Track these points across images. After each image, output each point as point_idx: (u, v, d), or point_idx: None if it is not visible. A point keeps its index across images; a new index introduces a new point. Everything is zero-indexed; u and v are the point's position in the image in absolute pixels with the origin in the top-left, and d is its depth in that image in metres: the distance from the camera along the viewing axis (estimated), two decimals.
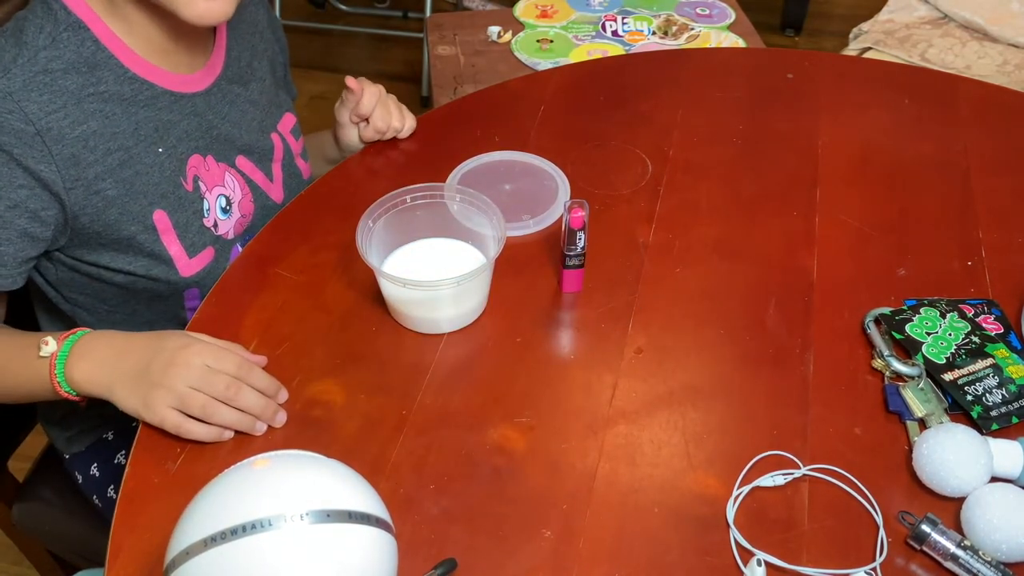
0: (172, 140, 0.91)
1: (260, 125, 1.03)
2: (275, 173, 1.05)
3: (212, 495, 0.61)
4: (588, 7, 1.86)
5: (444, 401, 0.83)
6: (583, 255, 0.91)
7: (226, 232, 0.98)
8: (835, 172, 1.10)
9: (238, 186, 0.99)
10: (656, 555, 0.72)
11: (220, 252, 0.97)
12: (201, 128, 0.94)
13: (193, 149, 0.94)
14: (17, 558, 1.33)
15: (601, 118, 1.19)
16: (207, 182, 0.95)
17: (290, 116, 1.10)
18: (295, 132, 1.10)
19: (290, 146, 1.08)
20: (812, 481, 0.77)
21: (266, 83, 1.05)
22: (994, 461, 0.76)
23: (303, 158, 1.12)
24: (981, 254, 0.99)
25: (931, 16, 2.03)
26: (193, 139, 0.94)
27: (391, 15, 2.99)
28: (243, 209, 1.00)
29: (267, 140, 1.04)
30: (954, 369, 0.85)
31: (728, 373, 0.87)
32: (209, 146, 0.96)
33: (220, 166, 0.97)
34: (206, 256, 0.95)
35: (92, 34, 0.85)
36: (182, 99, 0.92)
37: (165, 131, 0.90)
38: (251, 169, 1.02)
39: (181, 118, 0.92)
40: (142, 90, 0.88)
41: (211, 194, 0.95)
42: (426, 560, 0.71)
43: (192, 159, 0.94)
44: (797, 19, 2.97)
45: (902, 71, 1.34)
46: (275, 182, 1.05)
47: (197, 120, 0.94)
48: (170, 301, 0.97)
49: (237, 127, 0.99)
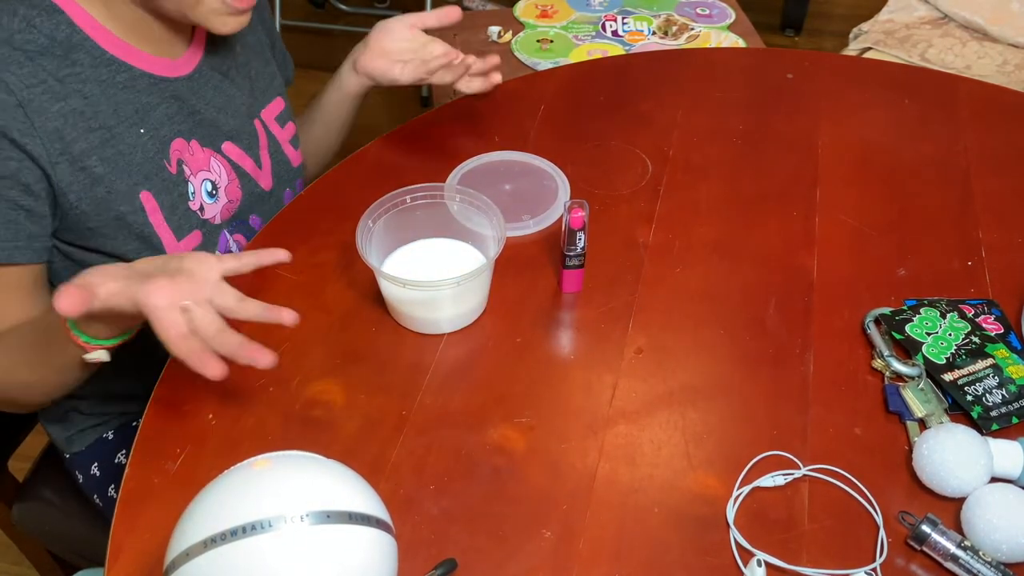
0: (153, 122, 0.91)
1: (247, 111, 1.02)
2: (263, 160, 1.05)
3: (212, 496, 0.61)
4: (588, 7, 1.86)
5: (444, 401, 0.83)
6: (583, 255, 0.91)
7: (213, 217, 0.98)
8: (835, 172, 1.10)
9: (224, 171, 0.99)
10: (656, 555, 0.72)
11: (208, 236, 0.97)
12: (183, 112, 0.94)
13: (176, 133, 0.93)
14: (17, 558, 1.33)
15: (601, 118, 1.19)
16: (191, 166, 0.95)
17: (279, 101, 1.09)
18: (282, 119, 1.09)
19: (274, 134, 1.07)
20: (812, 481, 0.77)
21: (251, 67, 1.04)
22: (994, 461, 0.76)
23: (292, 145, 1.11)
24: (981, 254, 0.99)
25: (931, 16, 2.03)
26: (175, 123, 0.93)
27: (391, 15, 2.99)
28: (230, 195, 1.00)
29: (252, 127, 1.04)
30: (954, 369, 0.85)
31: (728, 373, 0.87)
32: (192, 131, 0.95)
33: (205, 151, 0.97)
34: (193, 239, 0.95)
35: (67, 17, 0.84)
36: (162, 82, 0.92)
37: (145, 113, 0.90)
38: (239, 155, 1.01)
39: (161, 101, 0.92)
40: (119, 71, 0.88)
41: (195, 178, 0.95)
42: (426, 560, 0.71)
43: (175, 142, 0.93)
44: (797, 19, 2.97)
45: (902, 71, 1.34)
46: (263, 169, 1.05)
47: (179, 104, 0.94)
48: None
49: (222, 113, 0.99)
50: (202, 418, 0.81)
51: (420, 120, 1.17)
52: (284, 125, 1.10)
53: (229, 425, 0.81)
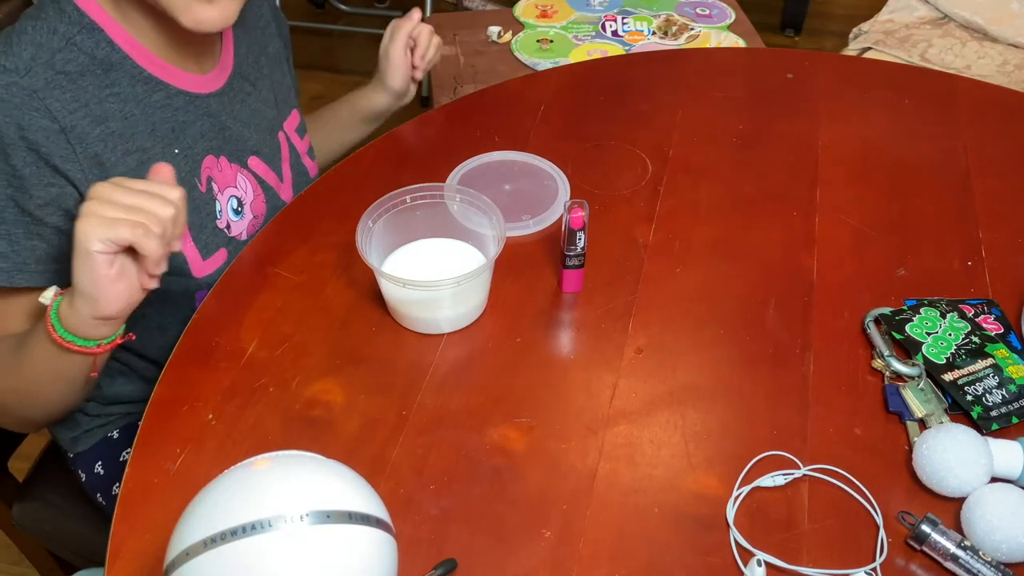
0: (188, 141, 0.91)
1: (270, 124, 1.03)
2: (284, 173, 1.05)
3: (212, 496, 0.61)
4: (588, 7, 1.86)
5: (444, 401, 0.83)
6: (583, 255, 0.91)
7: (239, 234, 0.98)
8: (835, 172, 1.10)
9: (250, 187, 0.99)
10: (656, 555, 0.72)
11: (233, 254, 0.97)
12: (215, 129, 0.94)
13: (208, 150, 0.94)
14: (17, 558, 1.33)
15: (601, 118, 1.19)
16: (219, 183, 0.95)
17: (296, 114, 1.10)
18: (300, 131, 1.10)
19: (295, 145, 1.08)
20: (812, 481, 0.77)
21: (274, 80, 1.05)
22: (994, 461, 0.76)
23: (310, 156, 1.11)
24: (981, 254, 0.99)
25: (931, 16, 2.03)
26: (207, 139, 0.93)
27: (391, 15, 2.99)
28: (255, 210, 1.00)
29: (275, 140, 1.04)
30: (954, 369, 0.85)
31: (728, 373, 0.87)
32: (222, 147, 0.95)
33: (233, 167, 0.97)
34: (219, 258, 0.95)
35: (106, 35, 0.84)
36: (196, 99, 0.92)
37: (181, 132, 0.90)
38: (264, 170, 1.02)
39: (196, 118, 0.92)
40: (157, 90, 0.88)
41: (223, 195, 0.95)
42: (426, 560, 0.71)
43: (207, 160, 0.94)
44: (797, 19, 2.97)
45: (902, 71, 1.34)
46: (285, 183, 1.05)
47: (211, 121, 0.94)
48: (181, 303, 0.97)
49: (248, 127, 0.99)
50: (202, 418, 0.81)
51: (420, 120, 1.17)
52: (303, 137, 1.11)
53: (229, 425, 0.81)
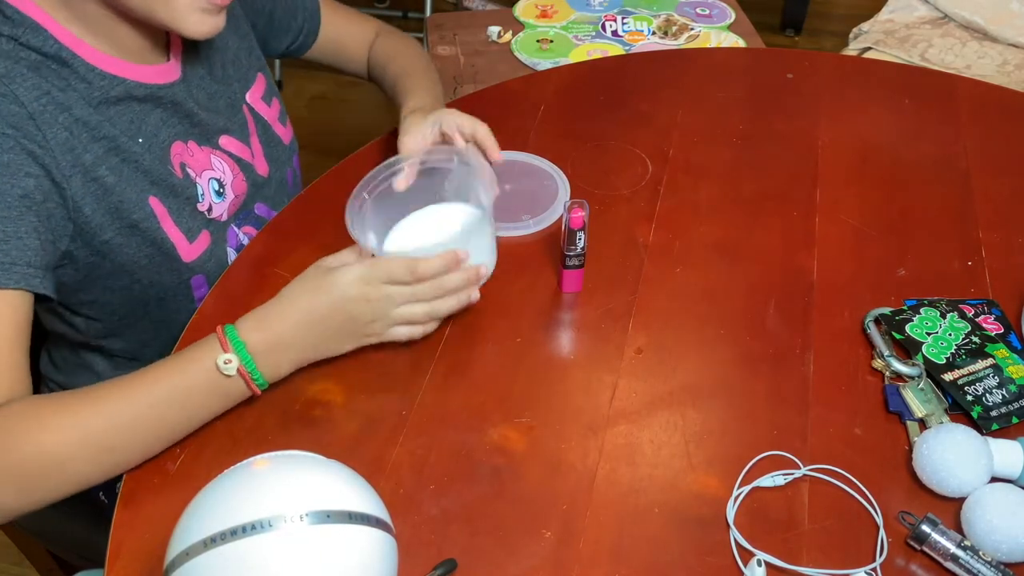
0: (150, 131, 0.90)
1: (230, 102, 1.01)
2: (254, 146, 1.04)
3: (212, 496, 0.61)
4: (588, 7, 1.86)
5: (444, 401, 0.83)
6: (583, 255, 0.91)
7: (220, 215, 0.97)
8: (835, 172, 1.10)
9: (227, 167, 0.98)
10: (656, 555, 0.72)
11: (216, 235, 0.97)
12: (178, 115, 0.94)
13: (173, 136, 0.93)
14: (17, 558, 1.33)
15: (601, 118, 1.19)
16: (194, 168, 0.94)
17: (261, 79, 1.07)
18: (267, 96, 1.07)
19: (262, 115, 1.06)
20: (812, 481, 0.77)
21: (229, 53, 1.03)
22: (994, 461, 0.76)
23: (281, 123, 1.09)
24: (981, 254, 0.99)
25: (931, 16, 2.03)
26: (169, 126, 0.93)
27: (391, 15, 2.99)
28: (236, 189, 0.99)
29: (240, 115, 1.03)
30: (954, 369, 0.85)
31: (728, 373, 0.87)
32: (188, 131, 0.95)
33: (203, 150, 0.96)
34: (203, 240, 0.95)
35: (50, 34, 0.83)
36: (155, 89, 0.91)
37: (140, 122, 0.90)
38: (238, 147, 1.01)
39: (154, 108, 0.91)
40: (112, 87, 0.87)
41: (202, 179, 0.95)
42: (426, 560, 0.71)
43: (174, 147, 0.93)
44: (797, 19, 2.97)
45: (902, 71, 1.34)
46: (256, 156, 1.04)
47: (173, 108, 0.93)
48: (178, 296, 0.96)
49: (209, 110, 0.98)
50: None
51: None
52: (270, 103, 1.08)
53: (229, 425, 0.81)
